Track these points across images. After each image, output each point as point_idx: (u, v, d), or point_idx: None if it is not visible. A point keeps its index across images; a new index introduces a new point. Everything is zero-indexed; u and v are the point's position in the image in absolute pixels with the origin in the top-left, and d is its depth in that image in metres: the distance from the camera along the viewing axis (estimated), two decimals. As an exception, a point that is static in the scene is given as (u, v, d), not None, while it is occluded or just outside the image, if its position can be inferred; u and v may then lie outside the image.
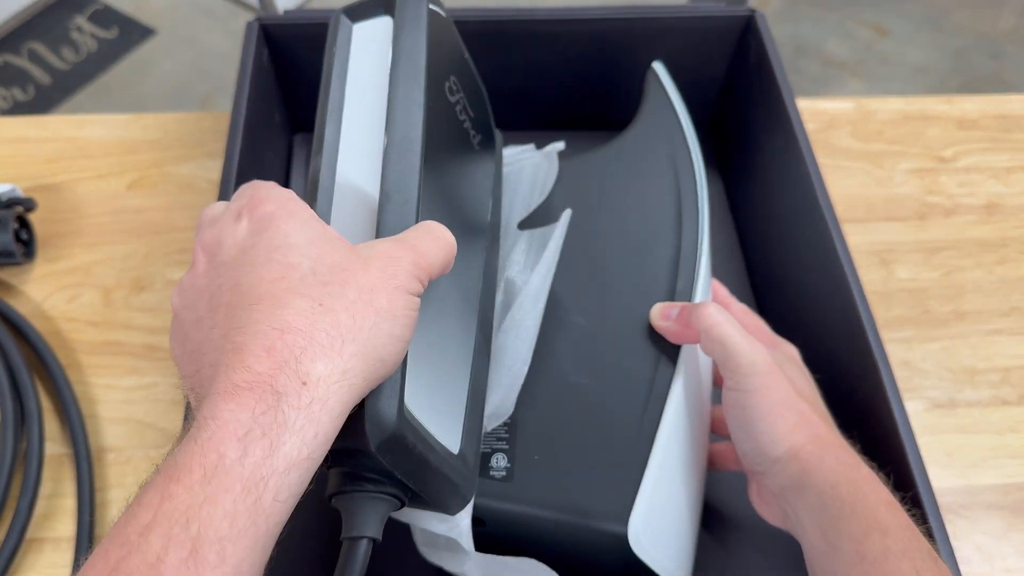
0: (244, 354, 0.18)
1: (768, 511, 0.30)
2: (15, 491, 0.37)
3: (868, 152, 0.53)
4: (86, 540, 0.36)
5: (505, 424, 0.29)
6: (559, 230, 0.32)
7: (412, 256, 0.21)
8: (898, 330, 0.45)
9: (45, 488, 0.38)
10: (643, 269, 0.33)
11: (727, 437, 0.34)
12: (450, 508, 0.25)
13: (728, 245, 0.47)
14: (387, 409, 0.20)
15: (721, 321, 0.28)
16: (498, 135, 0.34)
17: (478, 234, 0.29)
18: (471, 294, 0.27)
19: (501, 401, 0.29)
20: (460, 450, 0.24)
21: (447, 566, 0.29)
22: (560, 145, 0.37)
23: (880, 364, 0.32)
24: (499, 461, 0.28)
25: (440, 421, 0.24)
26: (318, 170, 0.25)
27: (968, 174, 0.52)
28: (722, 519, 0.37)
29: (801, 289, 0.40)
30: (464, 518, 0.27)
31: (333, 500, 0.23)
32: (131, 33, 1.38)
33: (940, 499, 0.30)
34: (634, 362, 0.30)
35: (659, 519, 0.28)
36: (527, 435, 0.29)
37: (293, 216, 0.21)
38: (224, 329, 0.19)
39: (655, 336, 0.31)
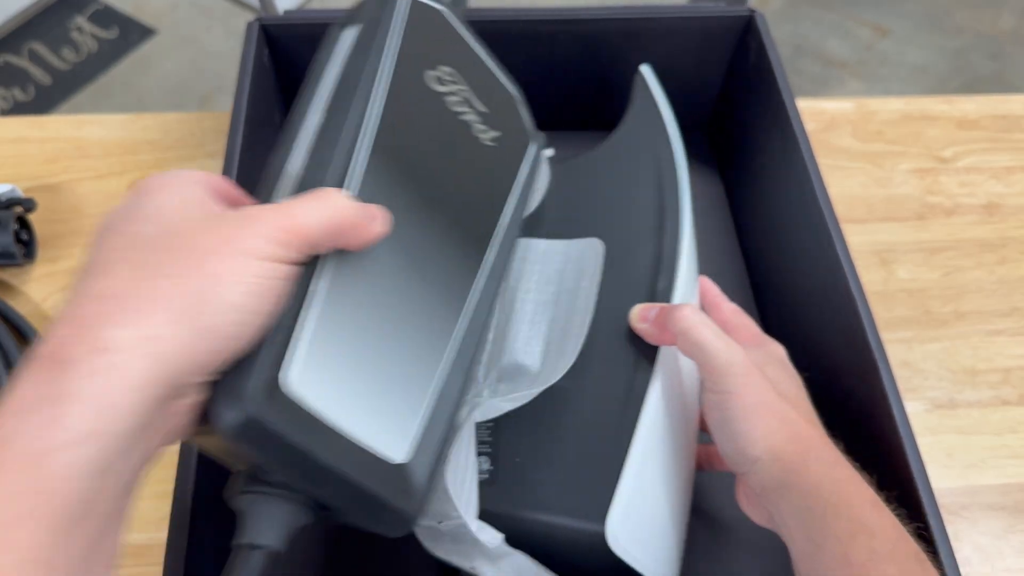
0: (56, 323, 0.18)
1: (754, 511, 0.30)
2: (15, 491, 0.37)
3: (868, 152, 0.53)
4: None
5: (489, 427, 0.29)
6: (591, 267, 0.32)
7: (276, 218, 0.19)
8: (898, 330, 0.45)
9: (45, 488, 0.38)
10: (625, 271, 0.33)
11: None
12: (385, 528, 0.22)
13: (728, 245, 0.47)
14: (239, 387, 0.18)
15: (697, 323, 0.28)
16: (537, 136, 0.32)
17: (475, 234, 0.27)
18: (455, 293, 0.26)
19: (552, 366, 0.29)
20: (408, 461, 0.22)
21: (453, 560, 0.28)
22: (549, 152, 0.38)
23: (880, 364, 0.32)
24: (482, 464, 0.29)
25: (375, 421, 0.21)
26: (267, 168, 0.24)
27: (968, 174, 0.52)
28: (713, 521, 0.37)
29: (801, 289, 0.40)
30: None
31: (230, 502, 0.21)
32: (131, 33, 1.38)
33: (940, 499, 0.30)
34: (614, 364, 0.30)
35: (639, 517, 0.28)
36: (509, 437, 0.29)
37: (165, 187, 0.20)
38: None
39: (635, 338, 0.31)
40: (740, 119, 0.48)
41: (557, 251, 0.34)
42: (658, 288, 0.31)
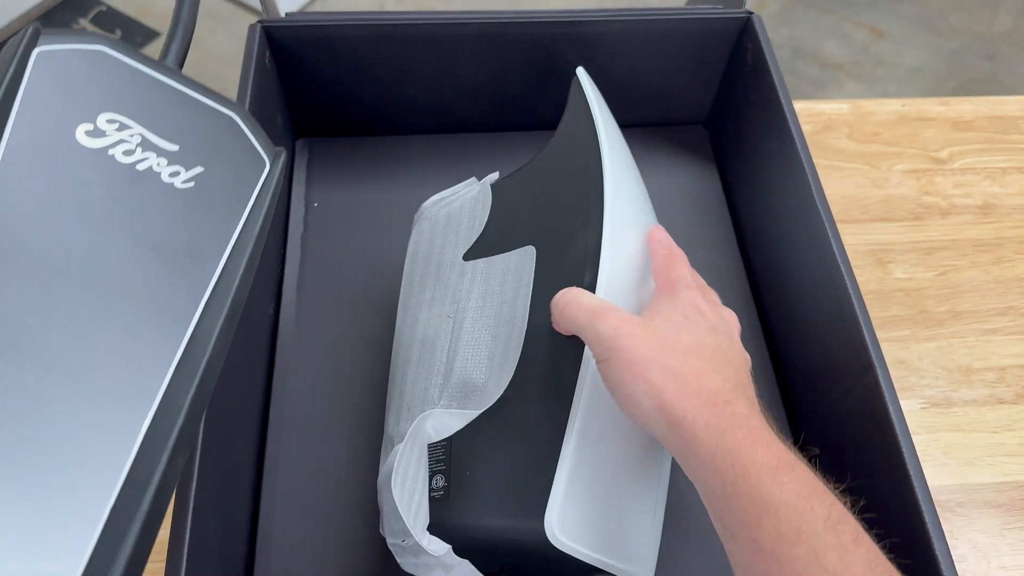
0: None
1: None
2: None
3: (865, 153, 0.53)
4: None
5: (442, 446, 0.30)
6: (525, 268, 0.33)
7: None
8: (894, 329, 0.45)
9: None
10: (558, 274, 0.33)
11: None
12: None
13: (726, 245, 0.48)
14: None
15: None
16: (273, 153, 0.27)
17: (168, 304, 0.23)
18: (155, 346, 0.22)
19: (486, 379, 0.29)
20: (81, 573, 0.18)
21: (419, 574, 0.30)
22: (495, 175, 0.38)
23: (876, 363, 0.33)
24: (438, 482, 0.30)
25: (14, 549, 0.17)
26: None
27: (964, 175, 0.52)
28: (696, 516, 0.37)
29: (798, 288, 0.41)
30: (420, 528, 0.28)
31: None
32: (134, 35, 1.38)
33: (936, 497, 0.30)
34: (546, 365, 0.31)
35: (583, 512, 0.28)
36: (460, 453, 0.30)
37: None
38: None
39: (563, 336, 0.31)
40: (738, 120, 0.48)
41: (497, 265, 0.34)
42: (584, 283, 0.31)
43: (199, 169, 0.25)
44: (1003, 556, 0.38)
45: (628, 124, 0.44)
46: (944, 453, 0.41)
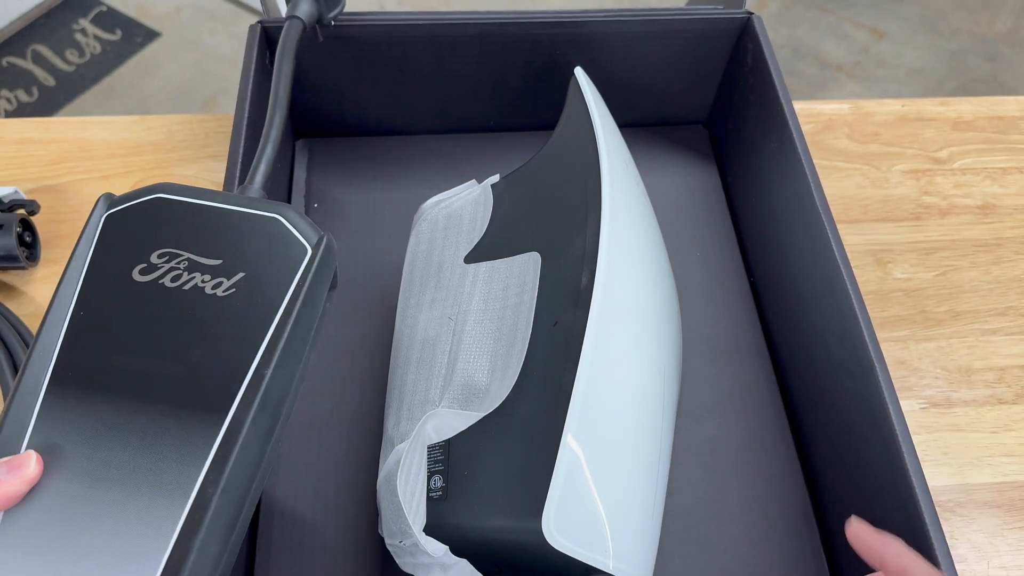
0: None
1: None
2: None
3: (864, 153, 0.53)
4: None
5: (441, 446, 0.30)
6: (529, 278, 0.33)
7: None
8: (894, 329, 0.45)
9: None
10: (558, 275, 0.33)
11: None
12: None
13: (726, 245, 0.48)
14: None
15: None
16: (316, 237, 0.29)
17: (208, 405, 0.26)
18: (174, 484, 0.24)
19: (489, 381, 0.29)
20: None
21: (418, 574, 0.30)
22: (495, 178, 0.39)
23: (876, 363, 0.33)
24: (436, 482, 0.30)
25: None
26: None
27: (964, 175, 0.52)
28: (689, 523, 0.37)
29: (799, 289, 0.41)
30: (417, 528, 0.28)
31: None
32: (135, 35, 1.39)
33: (936, 498, 0.30)
34: (546, 366, 0.31)
35: (581, 512, 0.28)
36: (459, 453, 0.30)
37: None
38: None
39: (563, 336, 0.31)
40: (738, 120, 0.48)
41: (500, 270, 0.34)
42: (582, 285, 0.31)
43: (240, 275, 0.28)
44: (1003, 556, 0.38)
45: (628, 124, 0.44)
46: (944, 453, 0.41)
